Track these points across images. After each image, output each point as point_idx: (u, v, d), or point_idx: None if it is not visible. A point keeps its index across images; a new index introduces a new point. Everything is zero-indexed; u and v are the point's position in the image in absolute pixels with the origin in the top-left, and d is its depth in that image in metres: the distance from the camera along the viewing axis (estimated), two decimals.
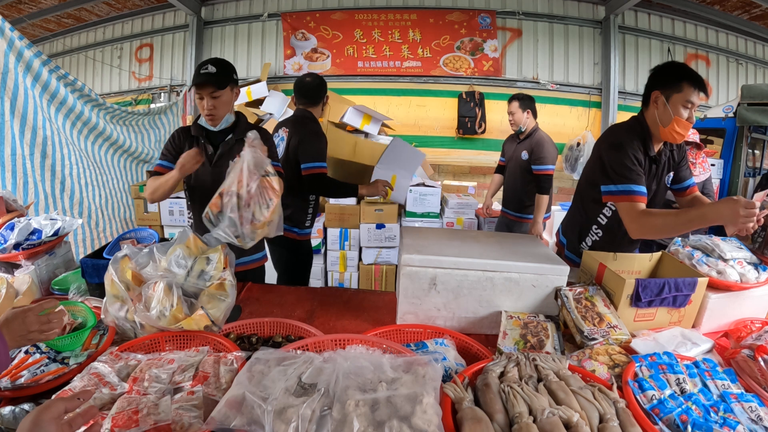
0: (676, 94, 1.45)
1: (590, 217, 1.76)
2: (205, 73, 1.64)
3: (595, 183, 1.64)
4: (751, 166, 3.78)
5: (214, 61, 1.70)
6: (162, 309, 1.09)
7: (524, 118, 2.97)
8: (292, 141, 2.14)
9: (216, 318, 1.14)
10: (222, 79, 1.66)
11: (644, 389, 0.94)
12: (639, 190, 1.47)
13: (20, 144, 2.38)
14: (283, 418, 0.74)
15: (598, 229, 1.75)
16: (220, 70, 1.67)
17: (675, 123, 1.46)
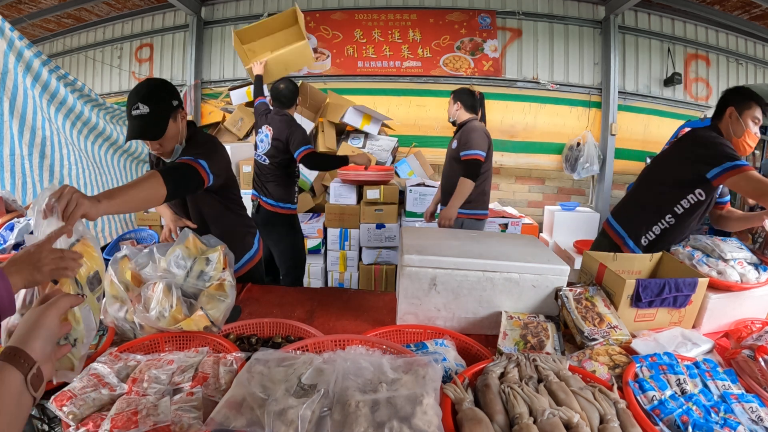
0: (747, 110, 1.69)
1: (664, 208, 1.81)
2: (137, 118, 1.38)
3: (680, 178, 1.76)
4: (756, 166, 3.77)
5: (146, 93, 1.39)
6: (161, 310, 1.09)
7: (453, 110, 2.92)
8: (280, 137, 2.61)
9: (215, 318, 1.13)
10: (157, 123, 1.40)
11: (645, 390, 0.93)
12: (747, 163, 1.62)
13: (19, 144, 2.38)
14: (283, 419, 0.74)
15: (671, 217, 1.80)
16: (153, 108, 1.38)
17: (746, 135, 1.70)
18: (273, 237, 2.78)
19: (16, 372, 0.59)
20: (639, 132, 4.94)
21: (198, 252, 1.25)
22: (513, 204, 4.93)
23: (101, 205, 0.99)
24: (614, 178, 4.85)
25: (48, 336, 0.66)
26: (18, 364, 0.59)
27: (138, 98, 1.38)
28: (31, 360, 0.61)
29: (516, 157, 4.98)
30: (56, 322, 0.68)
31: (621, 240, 1.92)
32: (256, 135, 2.84)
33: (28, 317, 0.67)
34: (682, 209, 1.78)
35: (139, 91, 1.41)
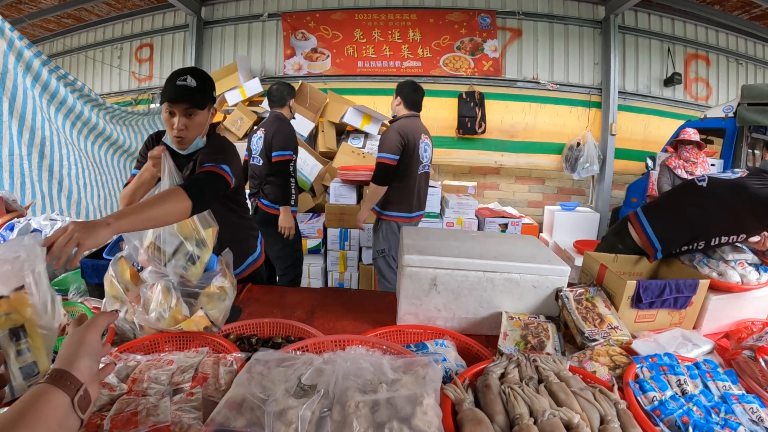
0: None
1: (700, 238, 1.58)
2: (182, 86, 1.37)
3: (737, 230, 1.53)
4: (751, 166, 3.77)
5: (194, 71, 1.41)
6: (161, 311, 1.09)
7: (394, 105, 2.81)
8: (267, 135, 2.67)
9: (215, 319, 1.13)
10: (201, 96, 1.40)
11: (645, 390, 0.93)
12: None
13: (18, 144, 2.38)
14: (283, 419, 0.74)
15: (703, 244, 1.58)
16: (200, 84, 1.40)
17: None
18: (270, 238, 2.75)
19: (62, 395, 0.57)
20: (639, 132, 4.95)
21: (190, 231, 1.20)
22: (513, 204, 4.94)
23: (109, 229, 0.94)
24: (614, 178, 4.85)
25: (93, 355, 0.65)
26: (65, 386, 0.58)
27: (188, 72, 1.39)
28: (77, 382, 0.60)
29: (516, 157, 4.98)
30: (99, 341, 0.67)
31: (651, 247, 1.69)
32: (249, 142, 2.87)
33: (71, 338, 0.66)
34: (718, 241, 1.59)
35: (190, 69, 1.42)
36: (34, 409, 0.54)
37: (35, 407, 0.55)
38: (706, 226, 1.59)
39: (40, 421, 0.53)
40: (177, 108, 1.39)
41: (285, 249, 2.83)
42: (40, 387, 0.57)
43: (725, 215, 1.56)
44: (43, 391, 0.57)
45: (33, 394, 0.56)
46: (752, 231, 1.51)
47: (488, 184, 5.09)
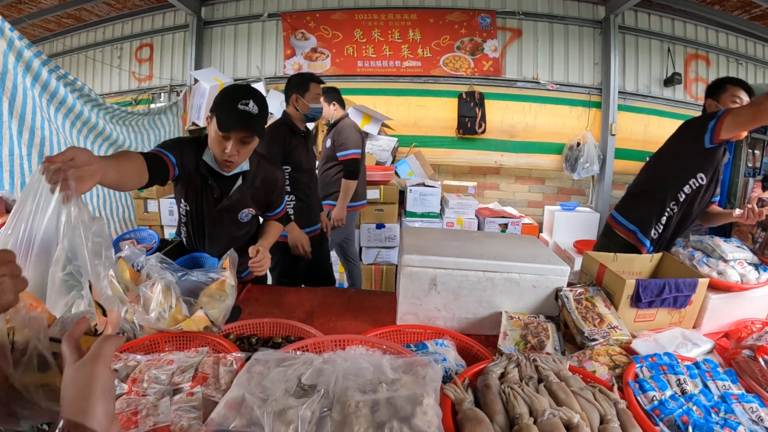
0: (723, 94, 1.82)
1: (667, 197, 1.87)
2: (244, 113, 1.31)
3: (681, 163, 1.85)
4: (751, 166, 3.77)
5: (255, 95, 1.35)
6: (161, 311, 1.09)
7: (332, 111, 2.95)
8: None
9: (215, 319, 1.13)
10: (261, 124, 1.38)
11: (645, 390, 0.93)
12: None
13: (18, 144, 2.38)
14: (283, 419, 0.74)
15: (675, 205, 1.87)
16: (261, 110, 1.36)
17: None
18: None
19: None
20: (639, 132, 4.95)
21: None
22: (513, 204, 4.93)
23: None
24: (614, 178, 4.85)
25: (108, 394, 0.52)
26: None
27: (250, 96, 1.33)
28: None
29: (516, 157, 4.98)
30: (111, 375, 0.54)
31: (633, 235, 1.94)
32: None
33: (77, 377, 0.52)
34: (684, 195, 1.84)
35: (250, 91, 1.36)
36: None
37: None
38: (660, 181, 1.90)
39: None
40: (234, 134, 1.34)
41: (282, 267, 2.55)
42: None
43: (669, 158, 1.91)
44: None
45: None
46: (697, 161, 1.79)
47: (488, 184, 5.09)
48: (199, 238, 1.65)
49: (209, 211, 1.57)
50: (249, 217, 1.67)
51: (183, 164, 1.45)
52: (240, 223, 1.65)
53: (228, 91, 1.38)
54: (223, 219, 1.60)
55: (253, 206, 1.64)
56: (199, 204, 1.56)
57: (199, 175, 1.50)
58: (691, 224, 1.92)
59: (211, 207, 1.56)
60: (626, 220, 1.99)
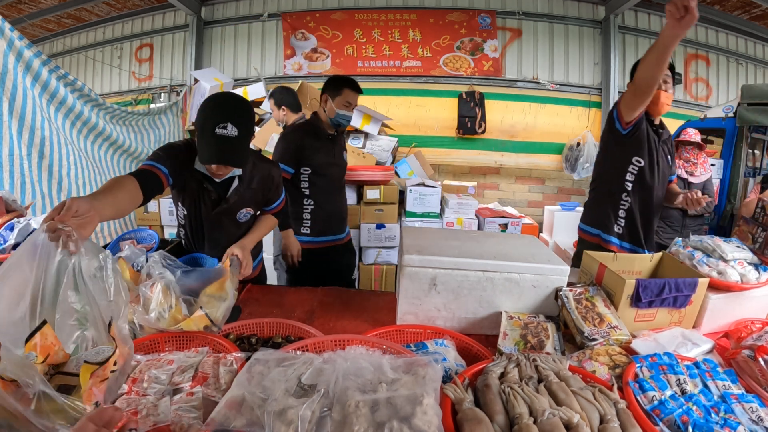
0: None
1: (615, 190, 1.91)
2: (222, 139, 1.25)
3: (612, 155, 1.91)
4: (751, 166, 3.77)
5: (238, 114, 1.28)
6: (161, 310, 1.09)
7: (281, 116, 2.80)
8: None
9: (216, 318, 1.13)
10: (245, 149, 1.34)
11: (645, 390, 0.93)
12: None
13: (18, 144, 2.38)
14: (283, 419, 0.74)
15: (627, 195, 1.89)
16: (243, 129, 1.28)
17: (658, 96, 1.77)
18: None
19: None
20: None
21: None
22: (513, 204, 4.94)
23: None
24: None
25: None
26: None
27: (227, 116, 1.25)
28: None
29: (516, 157, 4.98)
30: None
31: (597, 237, 1.98)
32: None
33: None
34: (631, 183, 1.87)
35: (229, 108, 1.28)
36: None
37: None
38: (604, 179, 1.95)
39: None
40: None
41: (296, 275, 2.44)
42: None
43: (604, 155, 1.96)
44: None
45: None
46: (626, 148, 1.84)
47: (488, 184, 5.09)
48: (198, 240, 1.65)
49: (207, 214, 1.57)
50: (248, 217, 1.67)
51: (176, 171, 1.41)
52: (239, 222, 1.65)
53: (206, 107, 1.31)
54: (222, 221, 1.61)
55: (251, 206, 1.65)
56: (196, 208, 1.56)
57: (194, 180, 1.49)
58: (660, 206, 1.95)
59: (209, 210, 1.56)
60: (589, 226, 2.03)
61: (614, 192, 1.91)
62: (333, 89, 2.15)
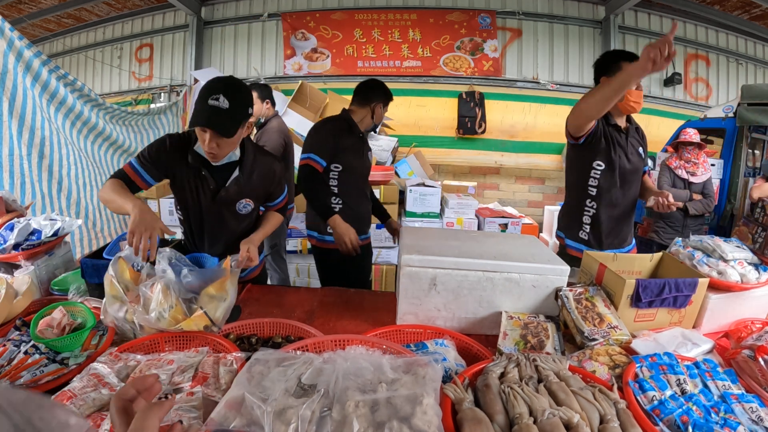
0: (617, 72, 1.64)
1: (581, 197, 1.90)
2: (213, 108, 1.29)
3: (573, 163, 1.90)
4: (751, 166, 3.78)
5: (227, 86, 1.33)
6: (161, 311, 1.09)
7: (265, 109, 2.80)
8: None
9: (215, 318, 1.13)
10: (232, 121, 1.34)
11: (645, 390, 0.93)
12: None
13: (18, 144, 2.38)
14: (283, 419, 0.74)
15: (591, 201, 1.87)
16: (233, 104, 1.31)
17: (628, 95, 1.71)
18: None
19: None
20: None
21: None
22: (513, 204, 4.94)
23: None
24: None
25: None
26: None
27: (221, 90, 1.31)
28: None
29: (516, 157, 4.98)
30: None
31: (562, 239, 2.01)
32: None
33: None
34: (595, 188, 1.86)
35: (224, 83, 1.34)
36: None
37: None
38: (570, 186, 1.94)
39: None
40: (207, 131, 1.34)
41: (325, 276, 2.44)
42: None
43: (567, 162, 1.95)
44: None
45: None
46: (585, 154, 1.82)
47: (488, 184, 5.09)
48: (198, 235, 1.64)
49: (207, 205, 1.56)
50: (248, 210, 1.64)
51: (169, 168, 1.49)
52: (239, 215, 1.63)
53: (208, 82, 1.36)
54: (222, 212, 1.59)
55: (252, 198, 1.62)
56: (196, 198, 1.55)
57: (192, 169, 1.50)
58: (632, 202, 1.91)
59: (209, 200, 1.54)
60: (560, 230, 2.06)
61: (578, 198, 1.90)
62: (385, 99, 2.16)
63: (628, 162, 1.84)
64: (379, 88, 2.15)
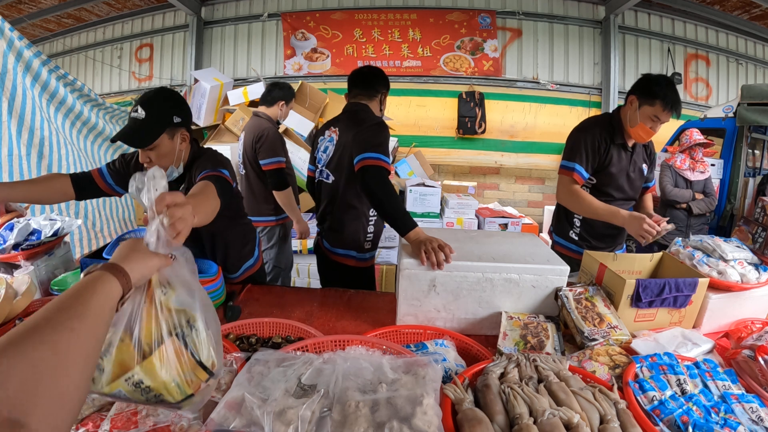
0: (648, 106, 1.67)
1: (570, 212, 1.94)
2: (132, 119, 1.31)
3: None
4: (751, 166, 3.78)
5: (148, 99, 1.32)
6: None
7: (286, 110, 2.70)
8: (344, 138, 1.75)
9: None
10: (148, 131, 1.31)
11: (645, 390, 0.93)
12: (579, 169, 1.77)
13: (17, 144, 2.38)
14: (283, 419, 0.74)
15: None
16: (150, 114, 1.30)
17: (639, 128, 1.72)
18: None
19: (117, 286, 0.58)
20: None
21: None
22: (513, 204, 4.94)
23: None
24: None
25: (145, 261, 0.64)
26: (121, 280, 0.59)
27: (141, 101, 1.33)
28: (129, 282, 0.61)
29: (516, 157, 4.99)
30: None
31: (552, 238, 2.05)
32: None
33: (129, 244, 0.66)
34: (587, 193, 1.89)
35: (147, 94, 1.35)
36: (92, 289, 0.55)
37: (93, 287, 0.55)
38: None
39: (95, 305, 0.53)
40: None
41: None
42: (98, 273, 0.58)
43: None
44: (101, 277, 0.58)
45: (92, 278, 0.57)
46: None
47: (488, 184, 5.09)
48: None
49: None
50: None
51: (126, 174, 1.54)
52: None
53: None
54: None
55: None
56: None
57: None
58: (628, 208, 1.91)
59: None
60: (552, 229, 2.09)
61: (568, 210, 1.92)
62: (388, 84, 1.96)
63: (627, 179, 1.85)
64: (381, 74, 1.94)
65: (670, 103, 1.62)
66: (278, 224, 2.68)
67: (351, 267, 1.89)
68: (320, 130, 1.99)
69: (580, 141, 1.78)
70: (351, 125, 1.75)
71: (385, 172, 1.58)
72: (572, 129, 1.88)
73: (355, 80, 1.91)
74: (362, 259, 1.90)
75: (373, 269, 2.00)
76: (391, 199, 1.53)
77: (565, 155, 1.82)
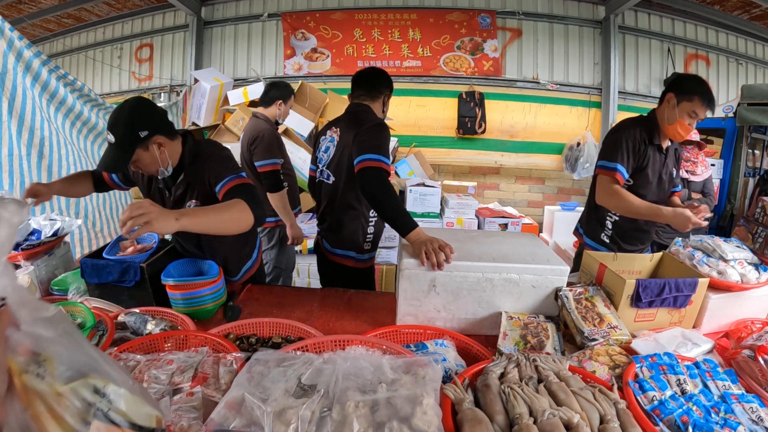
0: (686, 102, 1.71)
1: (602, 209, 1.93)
2: (109, 144, 1.35)
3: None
4: (751, 166, 3.77)
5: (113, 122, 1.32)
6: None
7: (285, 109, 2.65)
8: (345, 139, 1.75)
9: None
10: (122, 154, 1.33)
11: (645, 390, 0.93)
12: (620, 169, 1.76)
13: (17, 144, 2.38)
14: (283, 419, 0.74)
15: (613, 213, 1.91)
16: (117, 136, 1.31)
17: (678, 125, 1.74)
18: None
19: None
20: None
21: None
22: (513, 204, 4.93)
23: (177, 223, 1.06)
24: None
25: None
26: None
27: (108, 125, 1.33)
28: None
29: (516, 157, 4.98)
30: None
31: (582, 240, 2.05)
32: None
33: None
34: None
35: (111, 116, 1.34)
36: None
37: None
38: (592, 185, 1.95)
39: None
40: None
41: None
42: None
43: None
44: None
45: None
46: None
47: (488, 184, 5.09)
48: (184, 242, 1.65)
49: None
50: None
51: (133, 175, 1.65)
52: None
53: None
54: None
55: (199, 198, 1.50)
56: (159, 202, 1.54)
57: (146, 179, 1.60)
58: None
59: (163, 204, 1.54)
60: (581, 229, 2.10)
61: (601, 207, 1.91)
62: (391, 86, 1.98)
63: (659, 181, 1.87)
64: (385, 75, 1.95)
65: (707, 99, 1.71)
66: (278, 225, 2.67)
67: (350, 267, 1.89)
68: (322, 130, 2.00)
69: (621, 141, 1.76)
70: (351, 126, 1.75)
71: (384, 173, 1.58)
72: (609, 130, 1.87)
73: (358, 81, 1.94)
74: (361, 260, 1.90)
75: (373, 270, 2.01)
76: (390, 200, 1.53)
77: (605, 156, 1.80)
